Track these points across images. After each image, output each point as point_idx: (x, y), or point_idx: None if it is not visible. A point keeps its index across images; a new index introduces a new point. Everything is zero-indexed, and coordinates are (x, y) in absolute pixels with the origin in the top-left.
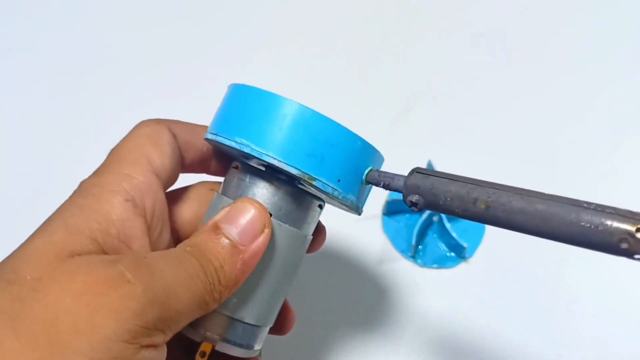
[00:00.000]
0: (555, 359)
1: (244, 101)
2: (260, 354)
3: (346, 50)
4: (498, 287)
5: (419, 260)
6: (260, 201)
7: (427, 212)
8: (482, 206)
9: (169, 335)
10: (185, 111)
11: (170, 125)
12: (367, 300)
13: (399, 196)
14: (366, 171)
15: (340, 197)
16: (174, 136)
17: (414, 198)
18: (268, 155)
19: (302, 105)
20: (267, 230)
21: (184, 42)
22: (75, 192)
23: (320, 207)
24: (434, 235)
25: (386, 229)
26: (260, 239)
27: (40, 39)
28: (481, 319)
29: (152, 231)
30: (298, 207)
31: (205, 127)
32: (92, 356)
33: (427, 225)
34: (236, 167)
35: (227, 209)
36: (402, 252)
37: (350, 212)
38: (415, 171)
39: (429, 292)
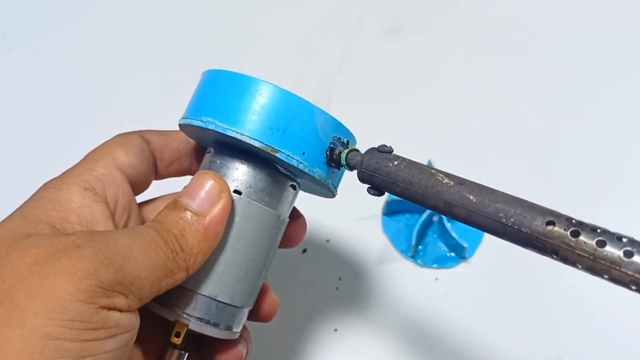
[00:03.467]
0: (555, 359)
1: (209, 84)
2: (249, 340)
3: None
4: (498, 287)
5: (419, 260)
6: (229, 180)
7: (427, 212)
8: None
9: (132, 301)
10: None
11: (142, 133)
12: (367, 301)
13: None
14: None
15: (306, 170)
16: (147, 142)
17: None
18: (231, 130)
19: (262, 81)
20: (224, 195)
21: (184, 41)
22: (38, 188)
23: (293, 187)
24: (434, 235)
25: (386, 229)
26: (218, 205)
27: (40, 39)
28: (481, 319)
29: (117, 219)
30: (269, 185)
31: (179, 131)
32: (49, 317)
33: (427, 225)
34: (209, 152)
35: (186, 185)
36: (402, 252)
37: (324, 195)
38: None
39: (429, 292)
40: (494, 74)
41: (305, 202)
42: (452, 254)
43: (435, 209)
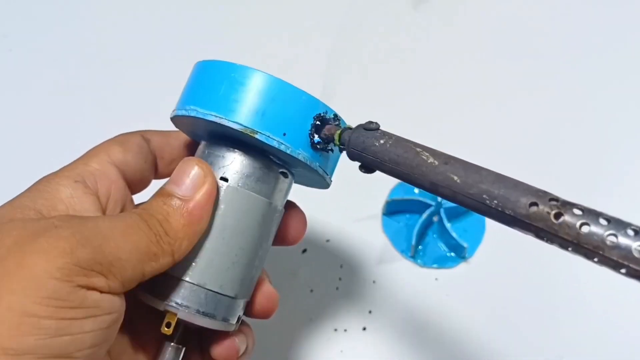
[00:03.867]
0: (555, 359)
1: (193, 74)
2: (249, 335)
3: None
4: (498, 287)
5: (419, 260)
6: (216, 167)
7: (427, 212)
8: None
9: (113, 282)
10: None
11: (143, 132)
12: (367, 301)
13: (400, 196)
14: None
15: (288, 152)
16: (148, 140)
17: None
18: (211, 115)
19: (239, 65)
20: (207, 179)
21: (184, 40)
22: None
23: (284, 175)
24: (434, 235)
25: (386, 229)
26: (202, 189)
27: (40, 39)
28: (481, 319)
29: (109, 212)
30: (256, 171)
31: (179, 131)
32: (25, 294)
33: (427, 225)
34: (201, 144)
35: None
36: (402, 252)
37: (319, 184)
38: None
39: (429, 292)
40: (501, 69)
41: (305, 202)
42: (452, 254)
43: (423, 188)
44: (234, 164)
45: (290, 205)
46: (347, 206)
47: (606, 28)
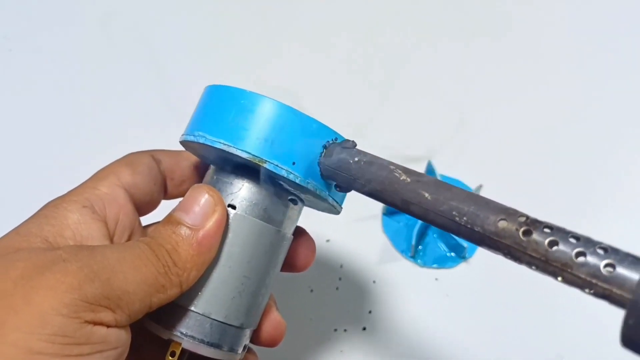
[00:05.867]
0: (555, 358)
1: (203, 99)
2: None
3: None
4: (498, 287)
5: (419, 260)
6: (225, 194)
7: None
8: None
9: (121, 316)
10: (184, 111)
11: (154, 152)
12: (367, 301)
13: None
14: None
15: (297, 181)
16: (158, 161)
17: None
18: (219, 142)
19: (249, 92)
20: (218, 208)
21: (185, 40)
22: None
23: (293, 202)
24: (434, 235)
25: (386, 229)
26: (212, 218)
27: (40, 39)
28: (481, 319)
29: (116, 238)
30: (264, 199)
31: (189, 152)
32: (31, 331)
33: (427, 225)
34: (210, 169)
35: (181, 199)
36: (402, 252)
37: (328, 210)
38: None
39: (429, 292)
40: (494, 81)
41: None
42: (452, 254)
43: (396, 207)
44: (242, 191)
45: (299, 232)
46: (347, 206)
47: (596, 39)
